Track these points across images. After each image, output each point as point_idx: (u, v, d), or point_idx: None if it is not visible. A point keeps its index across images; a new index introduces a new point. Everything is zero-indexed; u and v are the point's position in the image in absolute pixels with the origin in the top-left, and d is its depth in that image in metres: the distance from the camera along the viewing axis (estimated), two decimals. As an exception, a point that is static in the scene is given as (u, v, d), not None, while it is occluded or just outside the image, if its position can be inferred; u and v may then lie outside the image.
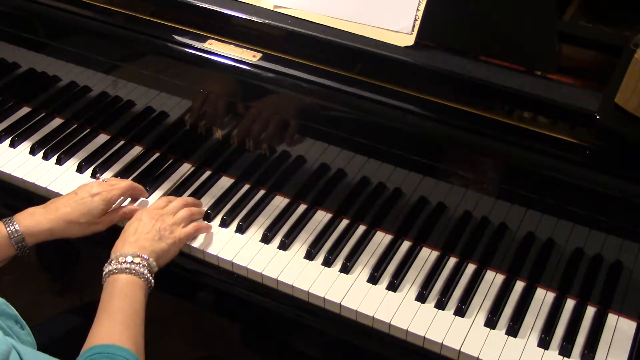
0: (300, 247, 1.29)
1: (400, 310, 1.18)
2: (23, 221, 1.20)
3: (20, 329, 1.02)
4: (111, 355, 0.99)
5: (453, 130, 1.15)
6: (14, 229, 1.19)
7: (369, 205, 1.31)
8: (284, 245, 1.29)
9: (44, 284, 2.12)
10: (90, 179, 1.42)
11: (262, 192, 1.39)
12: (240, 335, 1.78)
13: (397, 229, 1.31)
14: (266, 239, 1.30)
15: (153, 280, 1.15)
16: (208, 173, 1.44)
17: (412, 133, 1.18)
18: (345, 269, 1.24)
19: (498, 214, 1.21)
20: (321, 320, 1.23)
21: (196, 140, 1.42)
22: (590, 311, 1.19)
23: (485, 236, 1.24)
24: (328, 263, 1.26)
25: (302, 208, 1.36)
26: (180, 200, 1.32)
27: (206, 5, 1.31)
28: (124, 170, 1.44)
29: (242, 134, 1.36)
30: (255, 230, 1.32)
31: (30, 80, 1.58)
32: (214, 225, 1.32)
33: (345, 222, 1.34)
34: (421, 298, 1.20)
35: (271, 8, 1.30)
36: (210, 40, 1.30)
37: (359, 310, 1.18)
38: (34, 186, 1.41)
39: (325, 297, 1.20)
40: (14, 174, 1.43)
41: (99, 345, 1.02)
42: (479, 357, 1.12)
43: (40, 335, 1.08)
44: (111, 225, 1.29)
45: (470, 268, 1.26)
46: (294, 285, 1.22)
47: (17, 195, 1.44)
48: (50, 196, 1.35)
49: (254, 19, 1.29)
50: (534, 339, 1.15)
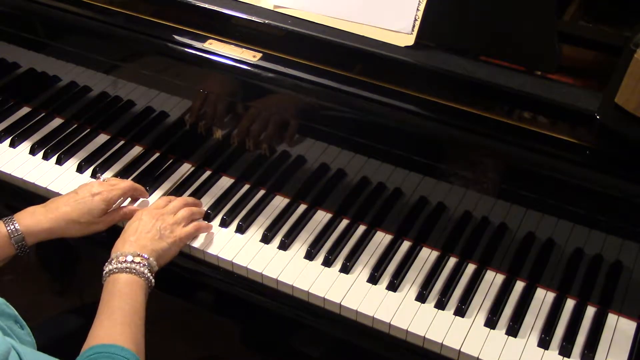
0: (300, 247, 1.29)
1: (400, 310, 1.18)
2: (23, 220, 1.20)
3: (20, 329, 1.02)
4: (111, 355, 0.99)
5: (453, 130, 1.15)
6: (14, 228, 1.19)
7: (369, 205, 1.31)
8: (284, 245, 1.29)
9: (44, 284, 2.11)
10: (90, 179, 1.42)
11: (262, 192, 1.39)
12: (240, 335, 1.77)
13: (397, 229, 1.31)
14: (266, 239, 1.30)
15: (153, 279, 1.15)
16: (208, 173, 1.44)
17: (412, 133, 1.18)
18: (345, 269, 1.24)
19: (498, 214, 1.20)
20: (321, 320, 1.23)
21: (196, 140, 1.42)
22: (590, 311, 1.19)
23: (485, 236, 1.24)
24: (328, 263, 1.26)
25: (302, 208, 1.36)
26: (181, 200, 1.32)
27: (206, 5, 1.31)
28: (124, 170, 1.44)
29: (242, 134, 1.36)
30: (255, 230, 1.32)
31: (30, 80, 1.58)
32: (214, 225, 1.32)
33: (345, 222, 1.34)
34: (421, 298, 1.20)
35: (271, 8, 1.30)
36: (210, 40, 1.30)
37: (359, 310, 1.18)
38: (34, 186, 1.41)
39: (325, 297, 1.20)
40: (14, 174, 1.43)
41: (99, 345, 1.01)
42: (479, 357, 1.12)
43: (40, 335, 1.07)
44: (111, 225, 1.29)
45: (470, 268, 1.26)
46: (294, 285, 1.22)
47: (17, 195, 1.44)
48: (50, 196, 1.35)
49: (254, 19, 1.29)
50: (534, 339, 1.15)
